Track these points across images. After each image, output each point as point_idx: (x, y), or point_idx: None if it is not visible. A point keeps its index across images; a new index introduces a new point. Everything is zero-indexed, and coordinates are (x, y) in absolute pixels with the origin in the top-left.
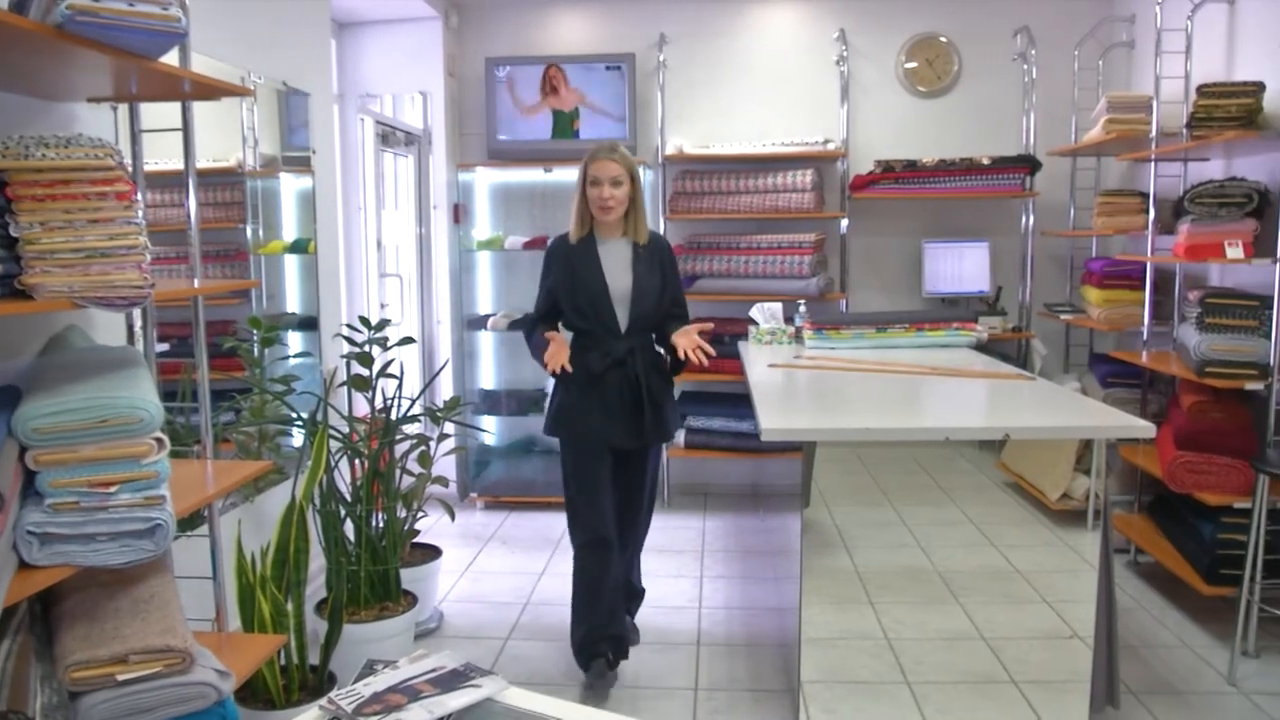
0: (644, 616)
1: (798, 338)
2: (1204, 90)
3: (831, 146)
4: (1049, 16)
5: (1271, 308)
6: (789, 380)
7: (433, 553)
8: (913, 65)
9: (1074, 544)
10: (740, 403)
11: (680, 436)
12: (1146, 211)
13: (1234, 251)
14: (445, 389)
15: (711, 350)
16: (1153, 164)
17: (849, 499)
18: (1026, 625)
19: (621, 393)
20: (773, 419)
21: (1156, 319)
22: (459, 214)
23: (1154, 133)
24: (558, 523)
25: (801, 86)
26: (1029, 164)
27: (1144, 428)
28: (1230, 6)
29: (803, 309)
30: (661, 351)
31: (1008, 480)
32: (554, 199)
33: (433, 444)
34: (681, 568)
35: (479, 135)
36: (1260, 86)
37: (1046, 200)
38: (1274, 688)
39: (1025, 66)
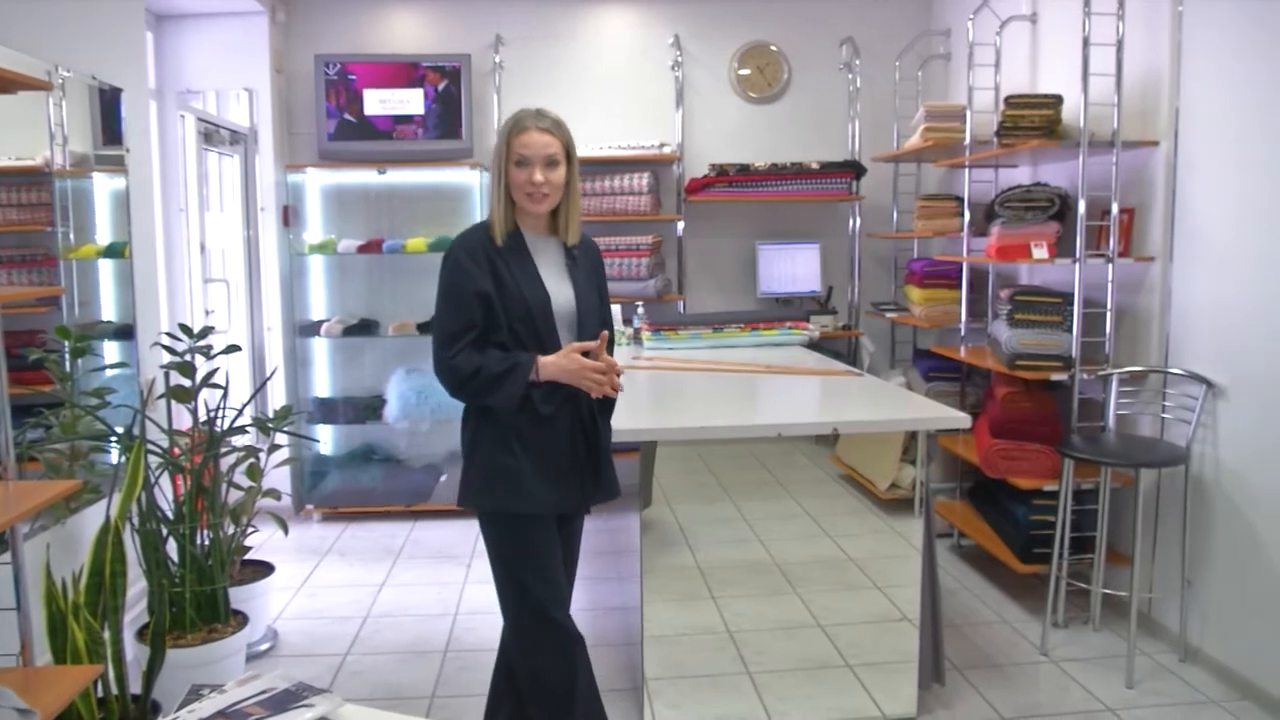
0: (483, 623)
1: (636, 339)
2: (1010, 101)
3: (667, 150)
4: (872, 29)
5: (1073, 304)
6: (628, 381)
7: (265, 569)
8: (746, 72)
9: (902, 531)
10: None
11: None
12: (962, 215)
13: (1039, 252)
14: (278, 398)
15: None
16: (967, 170)
17: (690, 497)
18: (859, 611)
19: (573, 441)
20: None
21: (972, 316)
22: (288, 216)
23: (968, 140)
24: (399, 531)
25: (638, 91)
26: (855, 169)
27: (960, 419)
28: (1033, 25)
29: (641, 310)
30: None
31: (841, 473)
32: (389, 201)
33: (263, 456)
34: None
35: (309, 135)
36: (1059, 99)
37: (872, 203)
38: (1080, 655)
39: (850, 76)
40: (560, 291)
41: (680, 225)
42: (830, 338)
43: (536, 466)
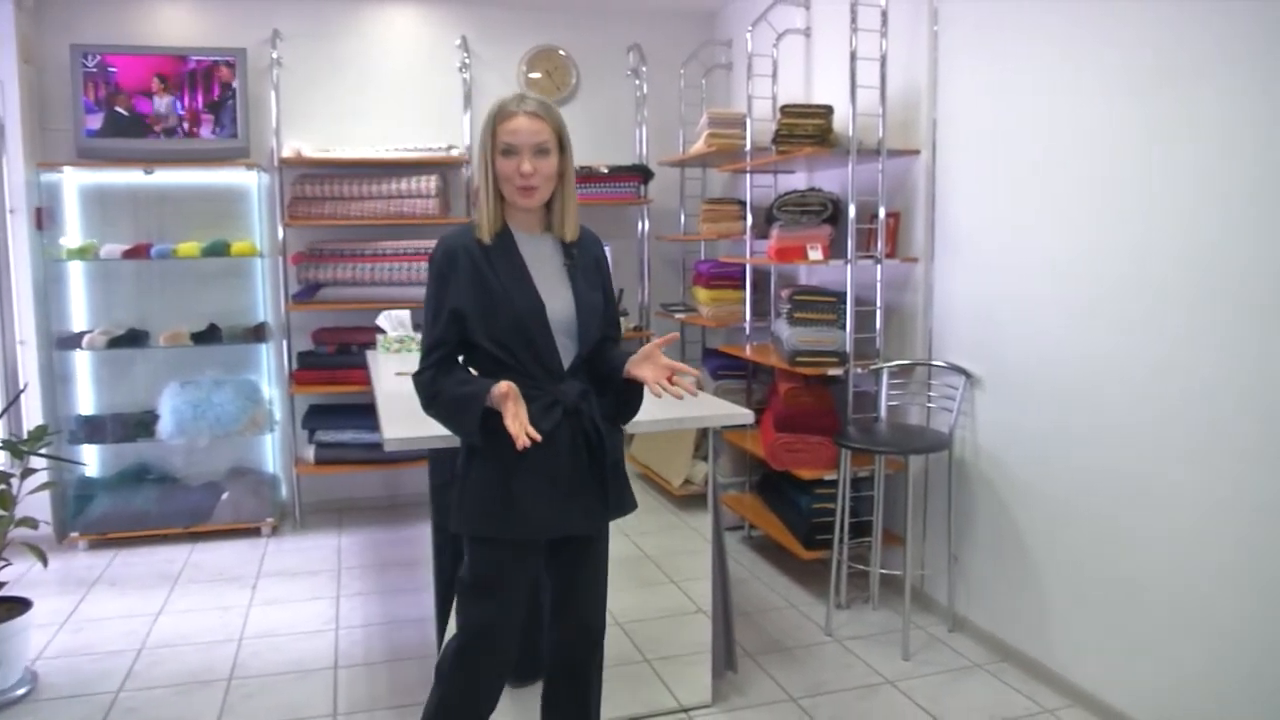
0: (269, 646)
1: None
2: (786, 110)
3: (456, 153)
4: (658, 36)
5: (846, 303)
6: (400, 389)
7: (20, 606)
8: (535, 75)
9: (696, 526)
10: (371, 413)
11: (310, 452)
12: (745, 218)
13: (814, 254)
14: (34, 417)
15: (693, 387)
16: (748, 175)
17: None
18: (656, 606)
19: (576, 457)
20: (397, 428)
21: (756, 315)
22: (42, 219)
23: (748, 147)
24: (176, 555)
25: (425, 92)
26: (643, 173)
27: (745, 415)
28: (807, 39)
29: None
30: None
31: (638, 472)
32: (159, 203)
33: (15, 481)
34: (317, 589)
35: (66, 131)
36: (830, 109)
37: (660, 207)
38: (861, 632)
39: (638, 82)
40: (557, 296)
41: None
42: (623, 339)
43: (536, 487)
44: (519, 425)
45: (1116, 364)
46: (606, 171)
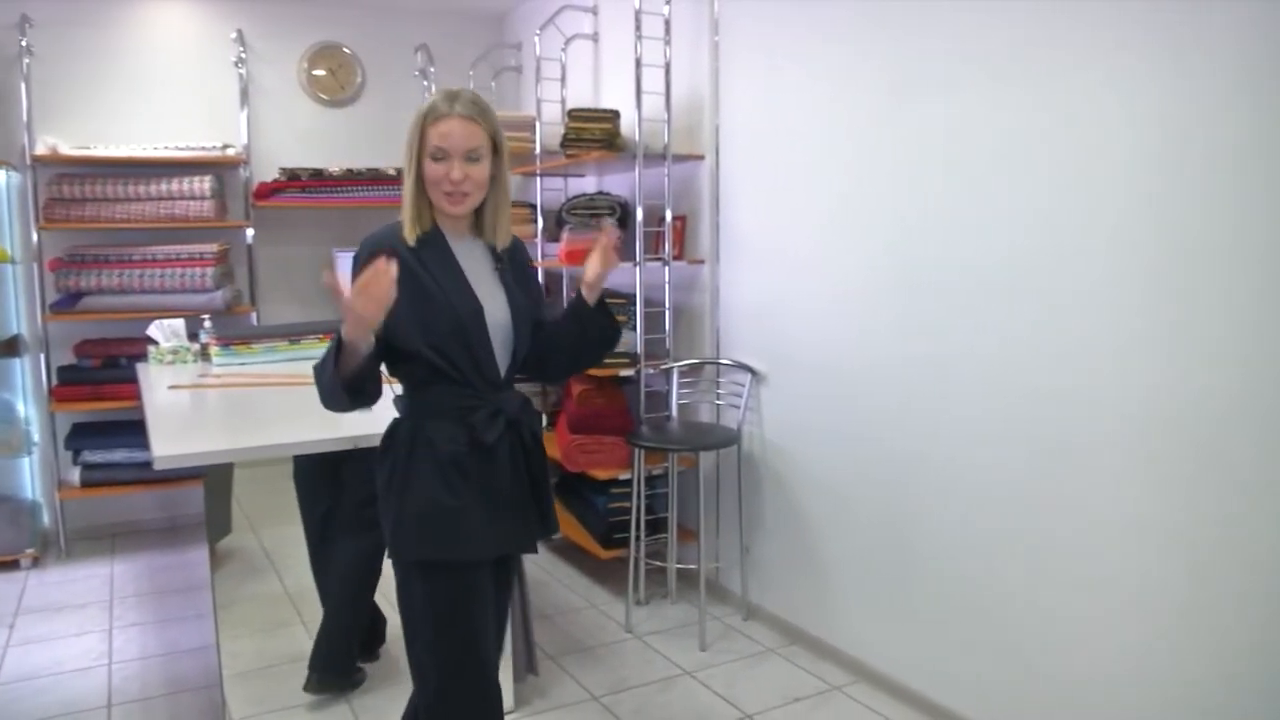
0: (40, 688)
1: (204, 355)
2: (573, 114)
3: (232, 152)
4: (447, 36)
5: (636, 304)
6: (195, 401)
7: None
8: (319, 73)
9: None
10: (144, 430)
11: (75, 475)
12: (535, 221)
13: None
14: None
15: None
16: (538, 178)
17: (278, 519)
18: None
19: (514, 471)
20: (168, 445)
21: None
22: None
23: (538, 150)
24: None
25: (198, 87)
26: None
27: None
28: (595, 44)
29: (208, 324)
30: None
31: None
32: None
33: None
34: (86, 623)
35: None
36: (616, 114)
37: None
38: (660, 627)
39: (426, 82)
40: (493, 300)
41: (250, 232)
42: None
43: (479, 504)
44: (374, 272)
45: (886, 355)
46: (395, 173)
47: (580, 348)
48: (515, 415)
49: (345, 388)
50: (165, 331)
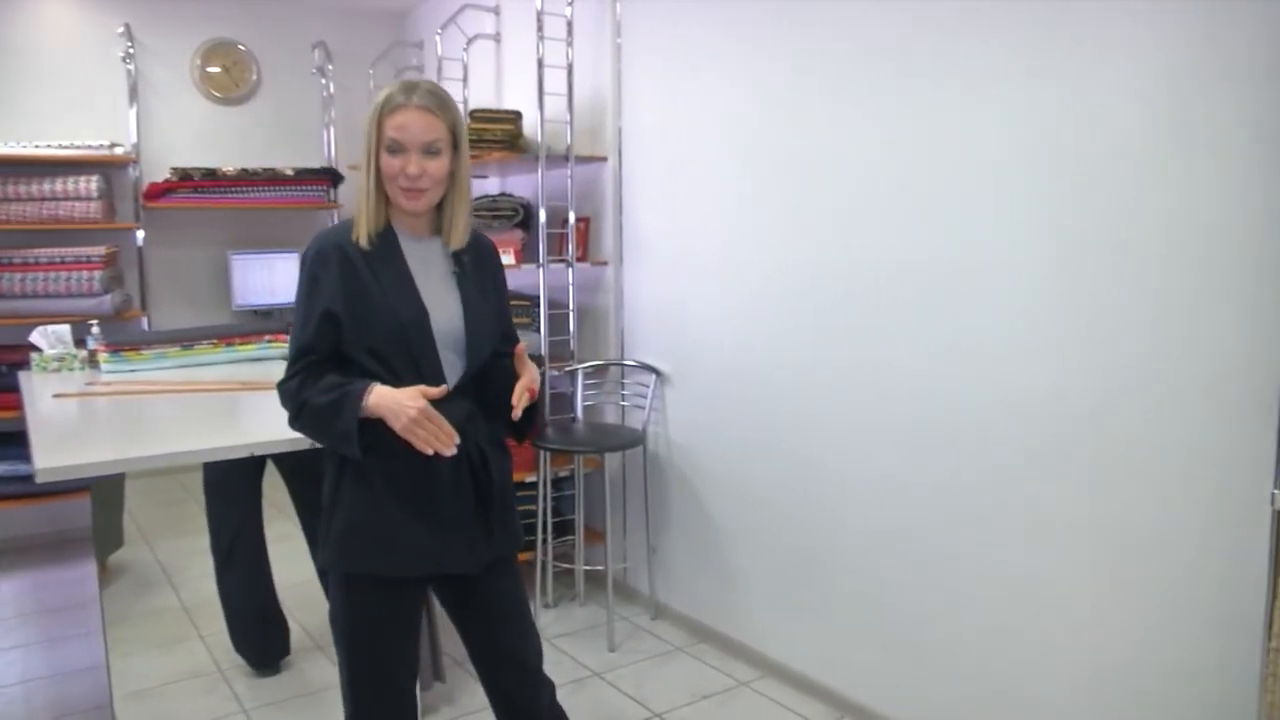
0: None
1: (92, 362)
2: (475, 115)
3: (120, 151)
4: (346, 34)
5: (540, 306)
6: (82, 411)
7: None
8: (213, 70)
9: None
10: (25, 441)
11: None
12: None
13: (507, 258)
14: None
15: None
16: None
17: (174, 531)
18: None
19: (458, 484)
20: (51, 456)
21: None
22: None
23: None
24: None
25: (84, 84)
26: (331, 176)
27: None
28: (498, 45)
29: (96, 330)
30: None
31: None
32: None
33: None
34: None
35: None
36: (519, 114)
37: (351, 211)
38: (569, 629)
39: (324, 81)
40: (443, 305)
41: (140, 234)
42: None
43: (413, 519)
44: (429, 430)
45: (789, 357)
46: (292, 174)
47: (497, 414)
48: (461, 422)
49: (352, 438)
50: (50, 338)
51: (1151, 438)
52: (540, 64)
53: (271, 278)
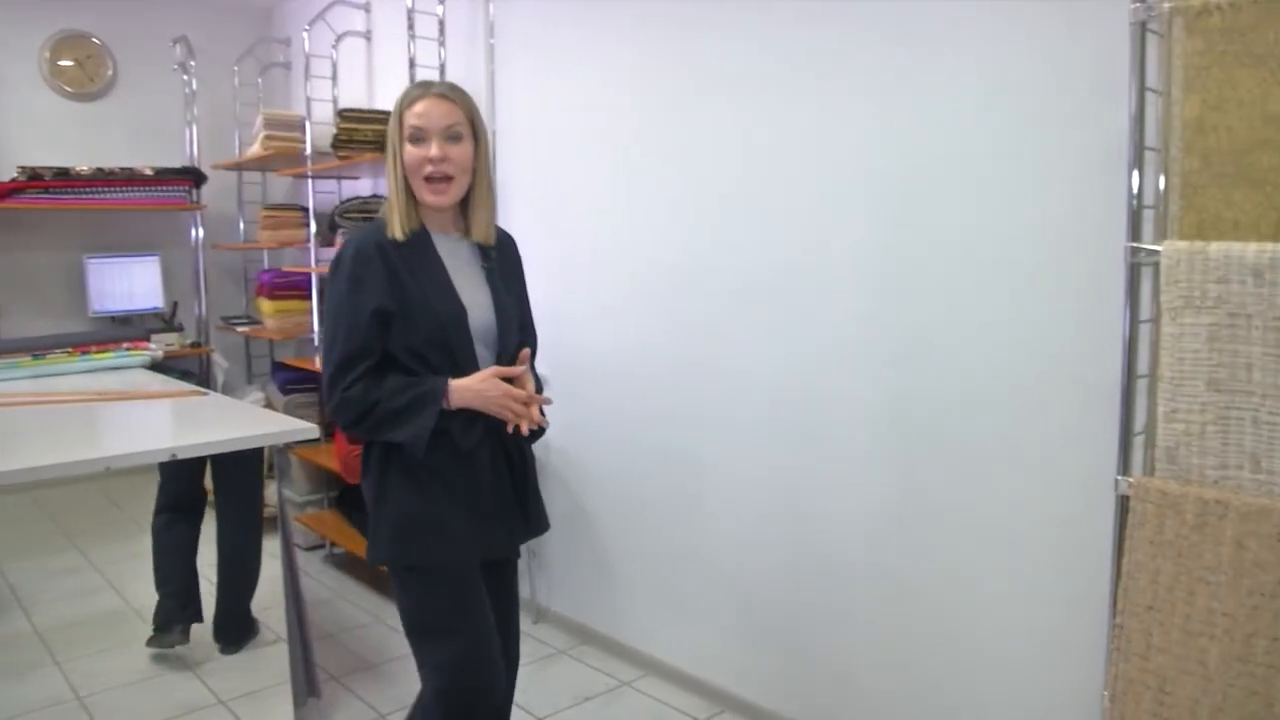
0: None
1: None
2: (344, 114)
3: None
4: (208, 29)
5: None
6: None
7: None
8: (65, 63)
9: (273, 550)
10: None
11: None
12: (307, 225)
13: None
14: None
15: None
16: (310, 181)
17: (24, 551)
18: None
19: (496, 476)
20: None
21: None
22: None
23: (309, 151)
24: None
25: None
26: (194, 176)
27: (308, 429)
28: (368, 43)
29: None
30: None
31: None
32: None
33: None
34: None
35: None
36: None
37: (216, 213)
38: None
39: (186, 77)
40: (478, 302)
41: None
42: (178, 356)
43: (459, 509)
44: (511, 403)
45: (661, 359)
46: (152, 174)
47: None
48: (495, 419)
49: (426, 436)
50: None
51: (1003, 433)
52: (412, 64)
53: (130, 282)
